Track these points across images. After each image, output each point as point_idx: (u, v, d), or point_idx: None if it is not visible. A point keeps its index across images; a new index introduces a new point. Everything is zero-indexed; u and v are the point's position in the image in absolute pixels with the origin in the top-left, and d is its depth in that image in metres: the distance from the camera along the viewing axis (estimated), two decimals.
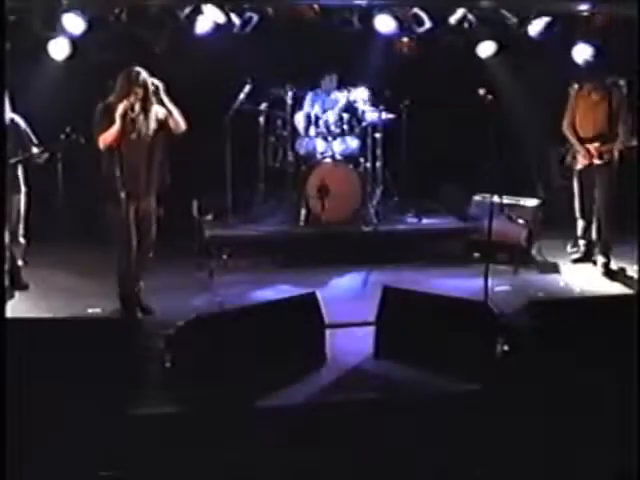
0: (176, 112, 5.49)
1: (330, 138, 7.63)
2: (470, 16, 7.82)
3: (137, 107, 5.36)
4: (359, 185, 7.50)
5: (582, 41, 7.86)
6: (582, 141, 6.98)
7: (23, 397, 3.83)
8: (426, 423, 4.21)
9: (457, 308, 4.90)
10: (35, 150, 6.05)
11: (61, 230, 7.01)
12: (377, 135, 7.85)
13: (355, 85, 7.95)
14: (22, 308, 5.72)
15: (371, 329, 5.01)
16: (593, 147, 6.91)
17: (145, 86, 5.38)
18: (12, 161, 5.93)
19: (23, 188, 6.22)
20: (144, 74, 5.40)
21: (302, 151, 7.88)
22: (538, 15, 7.78)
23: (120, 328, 4.66)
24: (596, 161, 6.91)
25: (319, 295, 4.92)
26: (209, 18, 7.47)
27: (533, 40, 7.87)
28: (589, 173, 7.01)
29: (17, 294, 6.10)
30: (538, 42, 7.88)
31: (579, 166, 7.04)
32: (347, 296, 6.40)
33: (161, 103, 5.47)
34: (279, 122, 7.87)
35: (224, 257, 6.98)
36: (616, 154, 6.87)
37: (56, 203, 7.08)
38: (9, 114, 5.96)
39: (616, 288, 6.56)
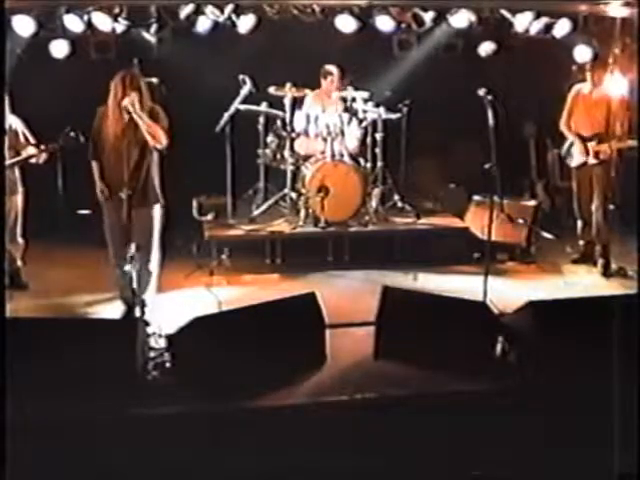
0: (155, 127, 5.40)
1: (330, 138, 7.62)
2: (470, 16, 7.83)
3: (132, 110, 5.28)
4: (359, 185, 7.48)
5: (582, 41, 7.87)
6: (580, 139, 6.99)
7: (23, 397, 3.82)
8: (426, 423, 4.20)
9: (457, 308, 4.89)
10: (33, 150, 6.04)
11: (61, 230, 7.00)
12: (377, 135, 7.84)
13: (355, 85, 7.94)
14: (22, 308, 5.71)
15: (371, 329, 5.01)
16: (590, 147, 6.91)
17: (140, 89, 5.36)
18: (10, 162, 5.92)
19: (20, 188, 6.22)
20: (138, 77, 5.38)
21: (302, 151, 7.88)
22: (538, 15, 7.79)
23: (120, 328, 4.65)
24: (592, 160, 6.91)
25: (319, 295, 4.92)
26: (209, 18, 7.48)
27: (533, 40, 7.87)
28: (587, 173, 7.01)
29: (17, 294, 6.10)
30: (538, 42, 7.89)
31: (575, 163, 7.05)
32: (347, 296, 6.39)
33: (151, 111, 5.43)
34: (279, 122, 7.86)
35: (224, 257, 6.99)
36: (614, 154, 6.88)
37: (56, 203, 7.07)
38: (8, 115, 5.96)
39: (616, 288, 6.56)
